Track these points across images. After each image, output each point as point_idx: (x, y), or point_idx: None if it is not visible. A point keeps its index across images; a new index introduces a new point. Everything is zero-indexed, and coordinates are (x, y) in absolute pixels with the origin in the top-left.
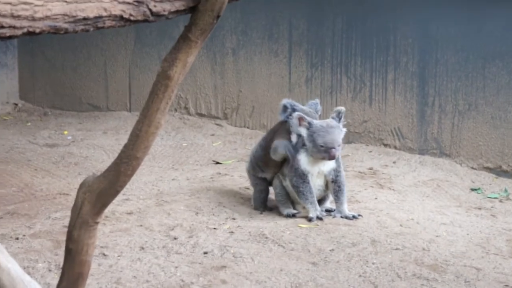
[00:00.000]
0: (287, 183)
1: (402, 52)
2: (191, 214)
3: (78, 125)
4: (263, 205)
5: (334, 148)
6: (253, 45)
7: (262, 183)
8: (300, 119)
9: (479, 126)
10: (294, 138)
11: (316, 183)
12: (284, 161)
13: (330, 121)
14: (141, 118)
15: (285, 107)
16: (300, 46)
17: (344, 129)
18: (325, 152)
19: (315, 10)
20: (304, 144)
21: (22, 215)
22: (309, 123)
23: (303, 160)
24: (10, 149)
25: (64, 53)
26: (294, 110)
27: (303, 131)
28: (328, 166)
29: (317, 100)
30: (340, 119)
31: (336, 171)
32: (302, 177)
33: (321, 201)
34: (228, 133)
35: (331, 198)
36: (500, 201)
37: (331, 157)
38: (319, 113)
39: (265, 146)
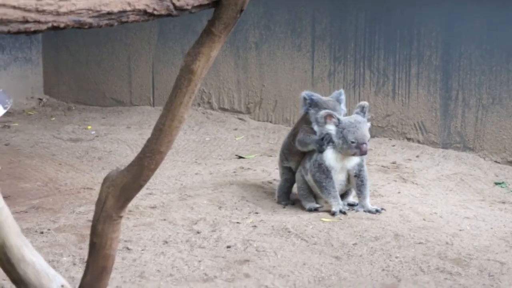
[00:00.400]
0: (309, 178)
1: (425, 45)
2: (214, 208)
3: (101, 120)
4: (286, 196)
5: (365, 143)
6: (276, 39)
7: (288, 173)
8: (328, 116)
9: (503, 120)
10: (316, 127)
11: (338, 178)
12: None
13: (357, 117)
14: (164, 113)
15: (304, 99)
16: (323, 40)
17: (369, 124)
18: (356, 148)
19: (338, 4)
20: (330, 141)
21: (46, 209)
22: (338, 119)
23: (329, 156)
24: (35, 144)
25: (88, 48)
26: (312, 100)
27: (332, 128)
28: (352, 161)
29: (341, 90)
30: (364, 113)
31: (360, 166)
32: (326, 172)
33: (343, 195)
34: (251, 128)
35: (354, 192)
36: None
37: (363, 153)
38: (342, 102)
39: (290, 134)
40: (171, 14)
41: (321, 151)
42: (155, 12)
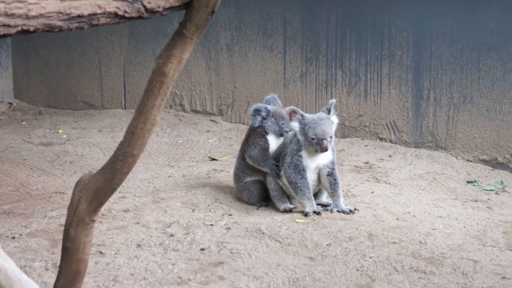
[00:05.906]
0: (283, 181)
1: (396, 45)
2: (187, 210)
3: (73, 124)
4: (261, 198)
5: (325, 139)
6: (247, 41)
7: (253, 181)
8: (293, 112)
9: (474, 118)
10: (272, 137)
11: (311, 178)
12: None
13: (321, 114)
14: (136, 115)
15: (257, 112)
16: (295, 41)
17: (336, 121)
18: (317, 144)
19: (309, 4)
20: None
21: (18, 214)
22: (302, 115)
23: (304, 155)
24: (5, 148)
25: (58, 51)
26: (268, 112)
27: (296, 125)
28: (326, 159)
29: (274, 95)
30: (329, 111)
31: (333, 164)
32: (301, 172)
33: (316, 195)
34: (224, 129)
35: (326, 193)
36: (496, 193)
37: (323, 149)
38: (281, 105)
39: (243, 156)
40: (142, 16)
41: (277, 175)
42: (126, 15)
